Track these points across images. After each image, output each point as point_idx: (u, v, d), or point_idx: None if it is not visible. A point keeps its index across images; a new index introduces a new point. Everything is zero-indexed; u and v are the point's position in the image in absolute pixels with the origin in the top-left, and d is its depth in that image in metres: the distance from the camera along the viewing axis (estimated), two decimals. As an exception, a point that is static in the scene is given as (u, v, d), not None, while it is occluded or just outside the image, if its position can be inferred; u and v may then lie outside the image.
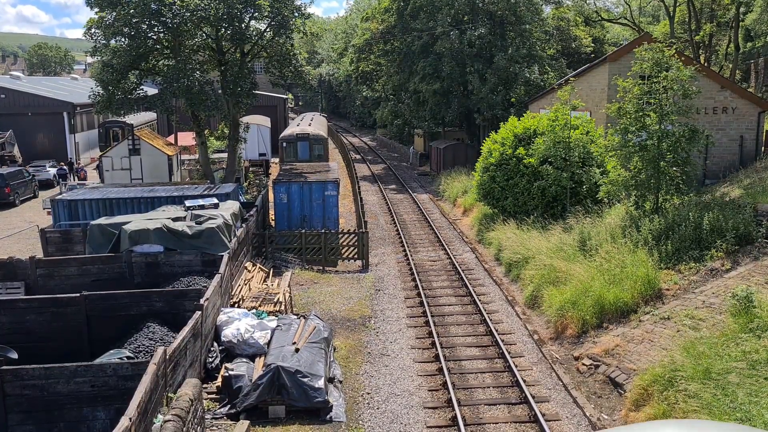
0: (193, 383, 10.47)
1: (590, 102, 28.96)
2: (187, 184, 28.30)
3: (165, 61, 28.42)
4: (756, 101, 28.43)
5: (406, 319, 18.06)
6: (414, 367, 14.92)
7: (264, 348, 13.91)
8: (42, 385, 10.16)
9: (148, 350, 12.37)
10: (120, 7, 25.75)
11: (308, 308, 18.16)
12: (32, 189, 37.05)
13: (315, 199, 25.43)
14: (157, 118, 53.77)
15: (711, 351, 12.10)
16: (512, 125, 27.17)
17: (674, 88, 19.54)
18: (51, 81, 70.88)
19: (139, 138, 34.05)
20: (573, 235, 20.70)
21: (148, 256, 16.89)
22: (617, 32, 61.90)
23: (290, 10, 28.41)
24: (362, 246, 23.37)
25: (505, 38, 43.71)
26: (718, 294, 14.44)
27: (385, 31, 50.73)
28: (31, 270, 16.63)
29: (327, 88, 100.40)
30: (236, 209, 20.37)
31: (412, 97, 48.52)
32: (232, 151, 31.29)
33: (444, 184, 38.80)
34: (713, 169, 26.78)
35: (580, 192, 24.04)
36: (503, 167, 26.03)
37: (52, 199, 23.14)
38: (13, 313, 13.37)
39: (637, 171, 19.84)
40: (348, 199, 35.92)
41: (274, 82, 32.19)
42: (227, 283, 16.35)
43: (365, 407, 13.06)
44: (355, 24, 77.45)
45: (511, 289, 20.66)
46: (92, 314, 13.52)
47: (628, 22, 52.08)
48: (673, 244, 16.86)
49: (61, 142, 48.36)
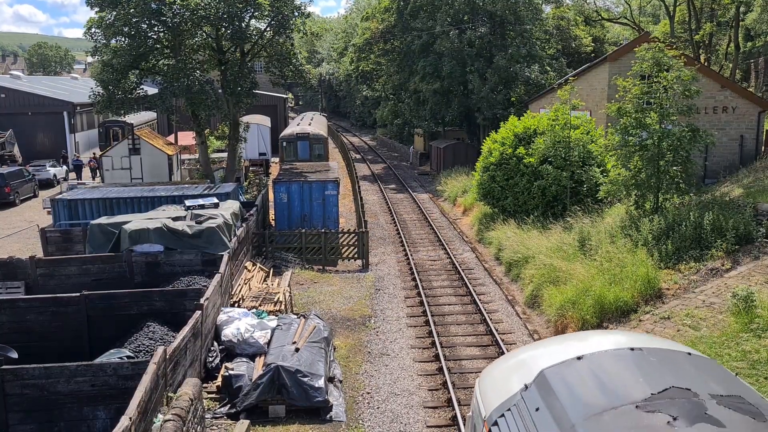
0: (193, 383, 10.47)
1: (590, 101, 28.96)
2: (187, 183, 28.30)
3: (165, 60, 28.41)
4: (756, 101, 28.43)
5: (406, 318, 18.07)
6: (414, 367, 14.93)
7: (264, 347, 13.91)
8: (42, 384, 10.16)
9: (148, 350, 12.35)
10: (120, 6, 25.74)
11: (308, 308, 18.16)
12: (32, 188, 37.06)
13: (315, 198, 25.42)
14: (157, 118, 53.76)
15: (711, 351, 12.10)
16: (512, 125, 27.17)
17: (674, 88, 19.54)
18: (51, 80, 70.93)
19: (139, 137, 34.05)
20: (573, 235, 20.70)
21: (148, 255, 16.88)
22: (617, 32, 61.86)
23: (290, 9, 28.41)
24: (362, 245, 23.37)
25: (505, 38, 43.71)
26: (718, 294, 14.44)
27: (385, 30, 50.76)
28: (31, 269, 16.63)
29: (327, 87, 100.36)
30: (236, 209, 20.36)
31: (413, 96, 48.52)
32: (232, 151, 31.29)
33: (444, 184, 38.80)
34: (713, 168, 26.78)
35: (580, 191, 24.04)
36: (503, 167, 26.03)
37: (52, 198, 23.14)
38: (14, 312, 13.36)
39: (637, 170, 19.85)
40: (348, 198, 35.91)
41: (274, 82, 32.20)
42: (227, 283, 16.35)
43: (365, 407, 13.07)
44: (355, 23, 77.42)
45: (512, 288, 20.66)
46: (92, 314, 13.50)
47: (628, 22, 52.07)
48: (674, 244, 16.86)
49: (61, 141, 48.38)
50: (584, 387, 5.27)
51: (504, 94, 42.10)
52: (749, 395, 5.10)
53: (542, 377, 5.56)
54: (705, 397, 4.86)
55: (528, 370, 5.97)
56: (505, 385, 6.20)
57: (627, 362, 5.48)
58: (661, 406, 4.70)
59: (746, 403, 4.88)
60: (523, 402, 5.57)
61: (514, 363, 6.71)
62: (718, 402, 4.79)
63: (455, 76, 43.95)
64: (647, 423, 4.59)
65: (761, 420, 4.62)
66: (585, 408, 4.96)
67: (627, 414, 4.71)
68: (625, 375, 5.30)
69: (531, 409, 5.36)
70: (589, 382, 5.31)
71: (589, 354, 5.72)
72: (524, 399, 5.59)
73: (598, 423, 4.70)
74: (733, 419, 4.59)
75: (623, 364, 5.48)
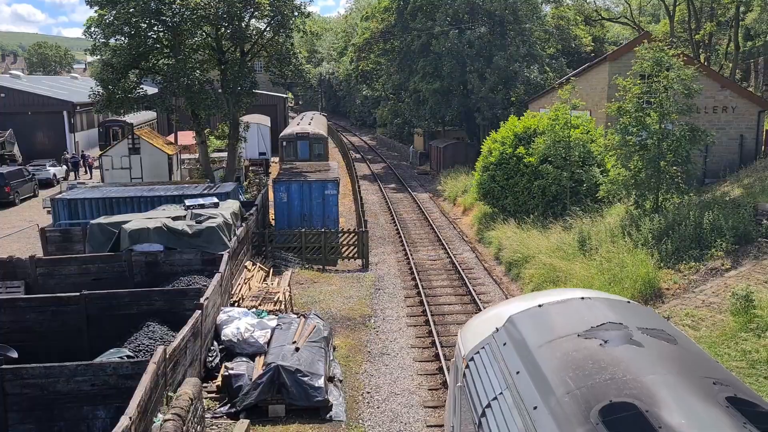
0: (193, 382, 10.47)
1: (590, 101, 28.96)
2: (187, 183, 28.30)
3: (165, 60, 28.38)
4: (756, 100, 28.43)
5: (406, 318, 18.07)
6: (414, 366, 14.93)
7: (264, 347, 13.91)
8: (42, 384, 10.15)
9: (148, 349, 12.35)
10: (120, 5, 25.72)
11: (308, 307, 18.16)
12: (32, 188, 37.05)
13: (315, 198, 25.40)
14: (157, 117, 53.73)
15: (711, 350, 12.10)
16: (512, 124, 27.18)
17: (675, 87, 19.54)
18: (51, 80, 70.92)
19: (139, 137, 34.02)
20: (573, 235, 20.71)
21: (148, 255, 16.87)
22: (617, 31, 61.82)
23: (290, 9, 28.40)
24: (362, 245, 23.37)
25: (504, 37, 43.70)
26: (718, 293, 14.45)
27: (385, 30, 50.71)
28: (31, 269, 16.62)
29: (327, 87, 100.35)
30: (236, 208, 20.36)
31: (412, 96, 48.51)
32: (232, 150, 31.28)
33: (444, 184, 38.80)
34: (713, 168, 26.78)
35: (580, 191, 24.04)
36: (503, 166, 26.03)
37: (52, 198, 23.13)
38: (13, 312, 13.36)
39: (637, 170, 19.85)
40: (348, 198, 35.91)
41: (274, 81, 32.21)
42: (227, 282, 16.35)
43: (365, 406, 13.07)
44: (355, 23, 77.41)
45: (511, 288, 20.66)
46: (92, 313, 13.50)
47: (628, 22, 52.03)
48: (673, 244, 16.87)
49: (61, 141, 48.35)
50: (541, 326, 6.72)
51: (504, 94, 42.09)
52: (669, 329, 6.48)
53: (510, 321, 7.06)
54: (633, 329, 6.12)
55: (500, 319, 7.35)
56: (481, 331, 7.62)
57: (577, 307, 7.00)
58: (597, 335, 6.09)
59: (665, 333, 6.19)
60: (494, 340, 7.07)
61: (490, 315, 8.15)
62: (642, 332, 6.08)
63: (455, 76, 43.94)
64: (584, 346, 5.96)
65: (673, 343, 6.01)
66: (539, 339, 6.38)
67: (570, 341, 6.15)
68: (574, 316, 6.74)
69: (500, 344, 6.86)
70: (546, 322, 6.77)
71: (548, 303, 7.30)
72: (495, 338, 7.07)
73: (548, 348, 6.16)
74: (651, 342, 5.90)
75: (573, 308, 6.98)
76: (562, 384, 5.49)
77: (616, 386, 5.24)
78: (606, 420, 4.89)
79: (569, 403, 5.23)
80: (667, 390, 5.12)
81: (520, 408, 5.68)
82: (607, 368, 5.51)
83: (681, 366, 5.55)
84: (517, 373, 6.13)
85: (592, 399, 5.16)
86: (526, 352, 6.27)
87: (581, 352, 5.87)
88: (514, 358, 6.39)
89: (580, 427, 4.92)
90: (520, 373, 6.08)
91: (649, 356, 5.66)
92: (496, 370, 6.58)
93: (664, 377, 5.31)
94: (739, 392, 5.29)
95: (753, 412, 4.97)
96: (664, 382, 5.23)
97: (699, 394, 5.08)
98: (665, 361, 5.62)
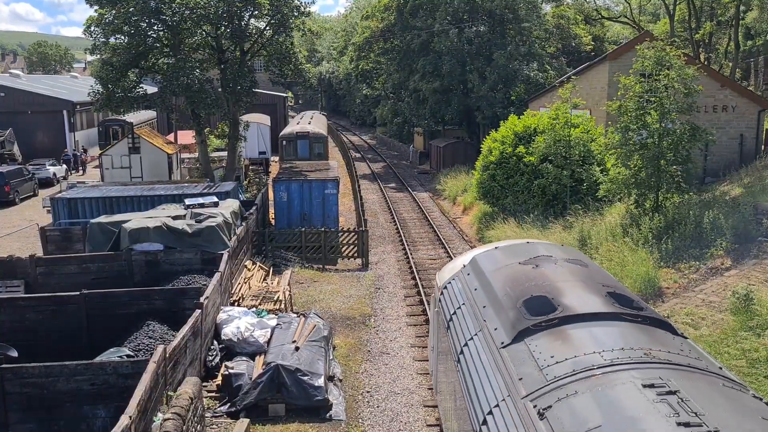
0: (193, 381, 10.47)
1: (590, 100, 28.94)
2: (186, 182, 28.28)
3: (165, 59, 28.38)
4: (756, 100, 28.41)
5: (406, 317, 18.06)
6: (414, 366, 14.92)
7: (264, 346, 13.91)
8: (42, 383, 10.15)
9: (148, 348, 12.34)
10: (120, 4, 25.72)
11: (308, 306, 18.15)
12: (32, 187, 37.03)
13: (315, 197, 25.39)
14: (157, 117, 53.72)
15: (711, 349, 12.10)
16: (512, 123, 27.17)
17: (675, 86, 19.53)
18: (51, 79, 70.84)
19: (138, 136, 34.01)
20: (573, 234, 20.70)
21: (147, 254, 16.87)
22: (617, 31, 61.83)
23: (290, 8, 28.39)
24: (362, 244, 23.36)
25: (504, 36, 43.68)
26: (718, 292, 14.45)
27: (385, 29, 50.69)
28: (31, 268, 16.62)
29: (327, 86, 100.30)
30: (236, 208, 20.35)
31: (412, 95, 48.47)
32: (232, 150, 31.27)
33: (444, 183, 38.78)
34: (713, 167, 26.77)
35: (580, 190, 24.03)
36: (503, 165, 26.02)
37: (52, 197, 23.11)
38: (13, 311, 13.35)
39: (638, 169, 19.84)
40: (348, 197, 35.89)
41: (273, 81, 32.21)
42: (227, 282, 16.34)
43: (365, 405, 13.06)
44: (355, 22, 77.36)
45: (511, 287, 20.64)
46: (92, 312, 13.49)
47: (628, 21, 51.97)
48: (674, 243, 16.87)
49: (61, 140, 48.31)
50: (494, 259, 9.49)
51: (504, 93, 42.07)
52: (585, 260, 9.14)
53: (473, 258, 9.94)
54: (558, 259, 8.64)
55: (466, 259, 10.23)
56: (451, 268, 10.65)
57: (522, 247, 9.92)
58: (531, 262, 8.63)
59: (581, 262, 8.75)
60: (461, 272, 9.90)
61: (460, 259, 10.92)
62: (564, 260, 8.61)
63: (455, 75, 43.92)
64: (521, 269, 8.52)
65: (584, 266, 8.48)
66: (492, 267, 9.09)
67: (513, 267, 8.77)
68: (518, 252, 9.46)
69: (464, 274, 9.69)
70: (498, 257, 9.58)
71: (502, 245, 10.52)
72: (461, 271, 9.90)
73: (497, 272, 8.80)
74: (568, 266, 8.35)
75: (520, 248, 9.84)
76: (503, 291, 8.06)
77: (536, 288, 7.66)
78: (527, 305, 7.32)
79: (505, 299, 7.78)
80: (570, 289, 7.46)
81: (475, 309, 8.32)
82: (533, 280, 7.95)
83: (584, 278, 7.94)
84: (474, 289, 8.87)
85: (520, 296, 7.61)
86: (482, 276, 8.98)
87: (518, 272, 8.44)
88: (473, 280, 9.15)
89: (510, 311, 7.42)
90: (477, 289, 8.80)
91: (563, 273, 8.10)
92: (461, 290, 9.34)
93: (570, 283, 7.72)
94: (619, 290, 7.60)
95: (622, 298, 7.29)
96: (569, 285, 7.62)
97: (590, 291, 7.42)
98: (574, 275, 8.03)
